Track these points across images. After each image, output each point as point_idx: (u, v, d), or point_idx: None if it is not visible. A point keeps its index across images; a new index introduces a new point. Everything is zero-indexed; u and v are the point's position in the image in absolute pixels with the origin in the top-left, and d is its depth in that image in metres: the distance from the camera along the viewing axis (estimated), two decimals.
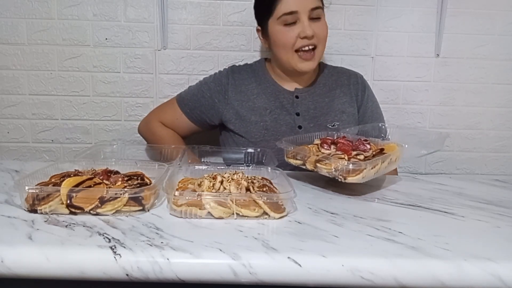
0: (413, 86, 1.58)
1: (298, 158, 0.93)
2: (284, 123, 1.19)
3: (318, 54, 1.17)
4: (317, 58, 1.17)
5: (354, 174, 0.82)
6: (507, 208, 0.83)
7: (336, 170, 0.83)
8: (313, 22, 1.14)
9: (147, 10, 1.48)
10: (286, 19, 1.12)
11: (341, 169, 0.82)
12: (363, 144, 0.90)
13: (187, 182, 0.82)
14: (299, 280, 0.57)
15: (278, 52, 1.18)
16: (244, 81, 1.24)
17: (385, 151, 0.91)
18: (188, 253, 0.58)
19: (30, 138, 1.54)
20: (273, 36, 1.17)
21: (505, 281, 0.56)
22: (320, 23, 1.16)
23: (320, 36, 1.15)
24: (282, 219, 0.72)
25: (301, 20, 1.12)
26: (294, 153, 0.94)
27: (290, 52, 1.15)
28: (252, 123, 1.19)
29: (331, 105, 1.22)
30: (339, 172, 0.83)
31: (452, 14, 1.53)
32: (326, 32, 1.18)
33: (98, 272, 0.56)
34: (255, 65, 1.30)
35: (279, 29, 1.14)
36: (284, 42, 1.14)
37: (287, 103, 1.21)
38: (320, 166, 0.86)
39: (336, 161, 0.84)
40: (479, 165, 1.63)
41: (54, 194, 0.70)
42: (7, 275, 0.56)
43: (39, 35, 1.47)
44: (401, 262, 0.58)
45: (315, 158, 0.88)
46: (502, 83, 1.59)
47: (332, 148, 0.92)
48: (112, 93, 1.52)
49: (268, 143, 1.16)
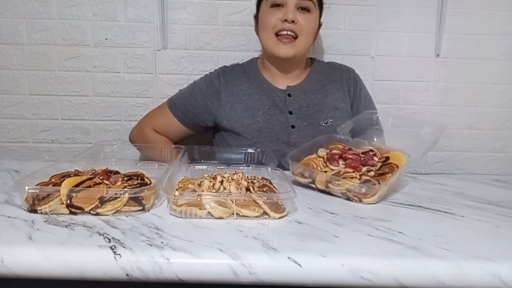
0: (413, 86, 1.58)
1: (306, 175, 0.90)
2: (278, 123, 1.19)
3: (298, 43, 1.16)
4: (297, 47, 1.16)
5: (370, 195, 0.81)
6: (507, 208, 0.83)
7: (349, 191, 0.83)
8: (300, 12, 1.15)
9: (147, 10, 1.48)
10: (274, 0, 1.15)
11: (354, 191, 0.82)
12: (371, 158, 0.89)
13: (187, 182, 0.82)
14: (299, 280, 0.57)
15: (261, 35, 1.21)
16: (236, 82, 1.24)
17: (391, 160, 0.90)
18: (188, 253, 0.58)
19: (30, 138, 1.54)
20: (260, 18, 1.21)
21: (505, 281, 0.56)
22: (307, 16, 1.16)
23: (303, 27, 1.15)
24: (282, 219, 0.72)
25: (287, 5, 1.14)
26: (301, 170, 0.91)
27: (270, 34, 1.17)
28: (245, 125, 1.19)
29: (323, 102, 1.22)
30: (353, 194, 0.82)
31: (452, 14, 1.53)
32: (311, 27, 1.18)
33: (98, 272, 0.56)
34: (247, 64, 1.29)
35: (266, 10, 1.18)
36: (266, 22, 1.17)
37: (279, 102, 1.21)
38: (333, 188, 0.85)
39: (348, 181, 0.83)
40: (479, 165, 1.63)
41: (54, 194, 0.70)
42: (7, 275, 0.56)
43: (39, 35, 1.47)
44: (401, 262, 0.58)
45: (325, 178, 0.86)
46: (502, 83, 1.59)
47: (340, 164, 0.90)
48: (112, 93, 1.53)
49: (262, 144, 1.17)
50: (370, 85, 1.56)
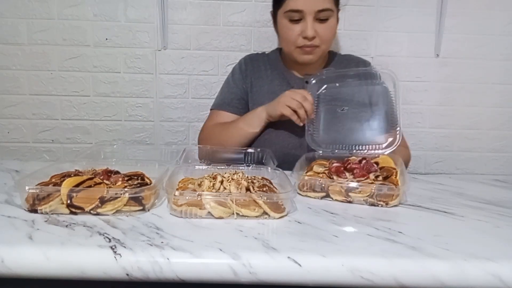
0: (413, 86, 1.58)
1: (317, 190, 0.85)
2: None
3: (320, 50, 1.19)
4: (319, 53, 1.20)
5: (394, 197, 0.80)
6: (507, 208, 0.83)
7: (372, 196, 0.81)
8: (318, 23, 1.15)
9: (147, 10, 1.49)
10: (292, 15, 1.15)
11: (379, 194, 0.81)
12: (372, 165, 0.89)
13: (187, 182, 0.82)
14: (299, 280, 0.57)
15: (282, 44, 1.26)
16: (260, 67, 1.30)
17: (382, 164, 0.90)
18: (188, 253, 0.58)
19: (30, 138, 1.54)
20: (279, 29, 1.22)
21: (505, 281, 0.56)
22: (326, 25, 1.16)
23: (323, 37, 1.17)
24: (282, 219, 0.72)
25: (306, 20, 1.14)
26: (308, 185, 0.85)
27: (292, 47, 1.19)
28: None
29: (339, 90, 1.22)
30: (377, 198, 0.81)
31: (452, 14, 1.53)
32: (332, 33, 1.20)
33: (99, 272, 0.56)
34: (271, 54, 1.35)
35: (285, 24, 1.18)
36: (286, 37, 1.19)
37: (297, 88, 1.22)
38: (355, 196, 0.82)
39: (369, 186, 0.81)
40: (479, 165, 1.63)
41: (54, 194, 0.70)
42: (7, 275, 0.56)
43: (39, 35, 1.47)
44: (401, 262, 0.58)
45: (340, 188, 0.83)
46: (502, 83, 1.59)
47: (349, 176, 0.87)
48: (112, 93, 1.53)
49: (279, 126, 1.18)
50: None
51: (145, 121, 1.55)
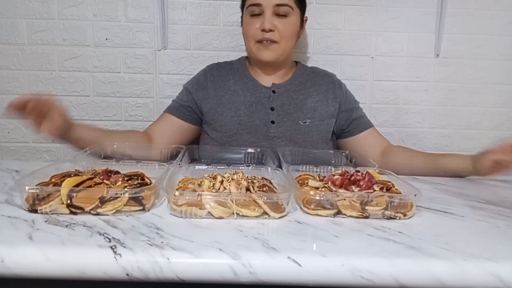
0: (413, 86, 1.58)
1: (327, 207, 0.75)
2: (258, 118, 1.22)
3: (279, 47, 1.19)
4: (278, 50, 1.20)
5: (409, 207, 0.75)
6: (507, 208, 0.83)
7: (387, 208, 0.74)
8: (278, 18, 1.17)
9: (147, 10, 1.49)
10: (253, 10, 1.18)
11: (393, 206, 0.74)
12: (372, 177, 0.83)
13: (187, 182, 0.82)
14: (299, 280, 0.57)
15: (244, 41, 1.25)
16: (222, 77, 1.29)
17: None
18: (188, 253, 0.58)
19: (30, 138, 1.54)
20: (243, 25, 1.24)
21: (505, 281, 0.56)
22: (285, 20, 1.18)
23: (282, 32, 1.18)
24: (282, 219, 0.72)
25: (264, 13, 1.16)
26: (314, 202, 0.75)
27: (252, 42, 1.21)
28: (227, 117, 1.22)
29: (304, 103, 1.25)
30: (396, 210, 0.75)
31: (452, 14, 1.53)
32: (291, 30, 1.20)
33: (99, 272, 0.56)
34: (235, 62, 1.34)
35: (246, 19, 1.21)
36: (247, 32, 1.21)
37: (263, 98, 1.24)
38: (373, 209, 0.74)
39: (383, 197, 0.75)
40: None
41: (54, 194, 0.70)
42: (7, 275, 0.56)
43: (39, 35, 1.47)
44: (401, 262, 0.58)
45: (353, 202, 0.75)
46: (502, 83, 1.59)
47: (355, 189, 0.79)
48: (113, 93, 1.53)
49: (242, 136, 1.21)
50: (370, 85, 1.57)
51: (145, 121, 1.55)
